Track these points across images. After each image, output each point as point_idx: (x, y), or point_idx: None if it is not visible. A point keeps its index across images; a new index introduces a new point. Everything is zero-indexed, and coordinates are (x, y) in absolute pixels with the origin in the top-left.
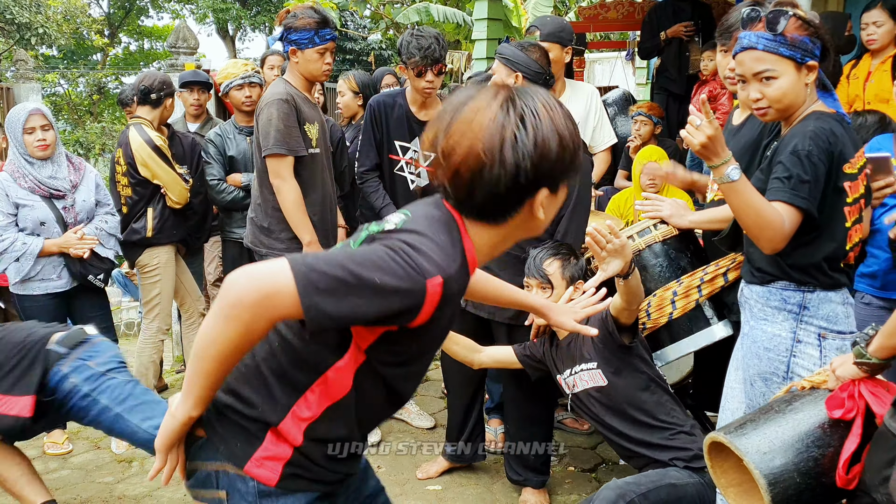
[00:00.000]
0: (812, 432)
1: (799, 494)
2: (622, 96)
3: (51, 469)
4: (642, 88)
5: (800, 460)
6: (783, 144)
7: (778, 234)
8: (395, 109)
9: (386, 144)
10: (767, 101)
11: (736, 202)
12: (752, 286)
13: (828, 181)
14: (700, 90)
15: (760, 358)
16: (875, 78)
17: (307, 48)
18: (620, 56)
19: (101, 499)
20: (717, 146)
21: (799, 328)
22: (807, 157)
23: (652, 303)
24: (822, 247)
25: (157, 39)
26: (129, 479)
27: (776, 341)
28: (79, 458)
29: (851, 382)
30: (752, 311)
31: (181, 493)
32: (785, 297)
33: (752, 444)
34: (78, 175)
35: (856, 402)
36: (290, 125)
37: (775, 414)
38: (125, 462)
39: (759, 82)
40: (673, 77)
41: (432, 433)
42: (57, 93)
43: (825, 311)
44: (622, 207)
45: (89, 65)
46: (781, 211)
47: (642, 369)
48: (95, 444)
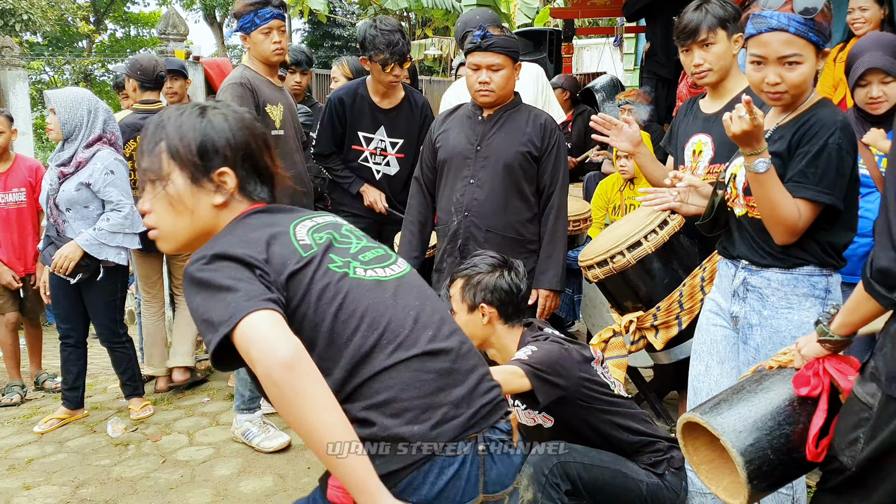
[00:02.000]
0: (783, 410)
1: (772, 470)
2: (610, 82)
3: (47, 453)
4: (630, 74)
5: (773, 437)
6: (810, 132)
7: (791, 229)
8: (357, 101)
9: (349, 136)
10: (786, 86)
11: (758, 192)
12: (770, 272)
13: (851, 172)
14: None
15: None
16: None
17: (252, 31)
18: (608, 42)
19: (99, 481)
20: (754, 140)
21: None
22: (837, 152)
23: (684, 292)
24: (843, 233)
25: (144, 26)
26: (125, 462)
27: (806, 328)
28: (75, 442)
29: (816, 360)
30: (769, 299)
31: (178, 475)
32: (813, 282)
33: (728, 424)
34: (74, 168)
35: (821, 379)
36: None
37: (747, 394)
38: (122, 445)
39: (781, 66)
40: (661, 61)
41: None
42: (42, 80)
43: (838, 293)
44: (609, 193)
45: (75, 52)
46: (801, 206)
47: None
48: (91, 427)
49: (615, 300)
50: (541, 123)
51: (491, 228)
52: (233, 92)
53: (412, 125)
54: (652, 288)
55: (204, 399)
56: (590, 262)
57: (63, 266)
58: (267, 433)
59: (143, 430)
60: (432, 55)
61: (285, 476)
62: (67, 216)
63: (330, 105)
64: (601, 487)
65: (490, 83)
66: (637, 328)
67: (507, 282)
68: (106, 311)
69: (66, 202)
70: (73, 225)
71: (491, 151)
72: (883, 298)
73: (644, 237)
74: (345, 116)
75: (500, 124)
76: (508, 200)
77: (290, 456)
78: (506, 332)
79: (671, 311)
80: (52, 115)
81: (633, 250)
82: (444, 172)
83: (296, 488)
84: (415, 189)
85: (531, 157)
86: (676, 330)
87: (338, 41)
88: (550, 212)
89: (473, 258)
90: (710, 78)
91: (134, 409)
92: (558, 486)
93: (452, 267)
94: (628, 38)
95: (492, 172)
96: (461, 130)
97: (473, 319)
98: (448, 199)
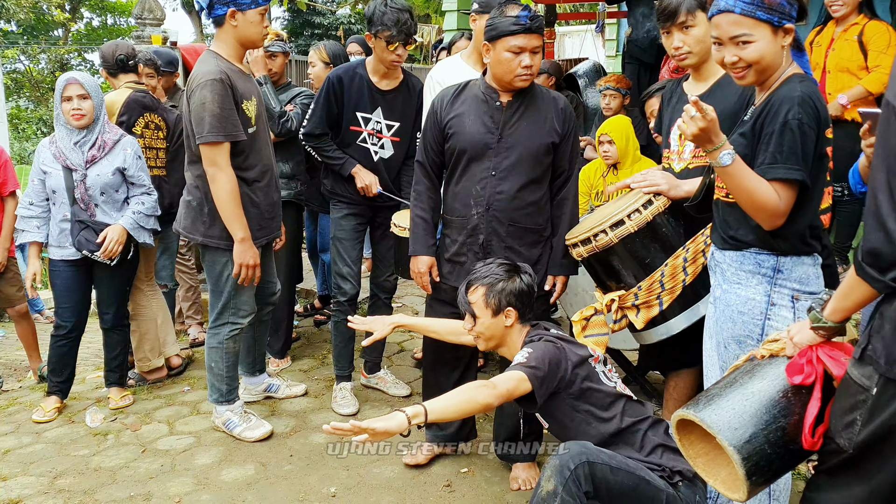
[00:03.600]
0: (777, 402)
1: (770, 464)
2: (592, 68)
3: (24, 444)
4: (612, 60)
5: (769, 432)
6: (771, 111)
7: (774, 213)
8: (356, 81)
9: (346, 117)
10: (744, 63)
11: (730, 185)
12: (725, 251)
13: (815, 148)
14: (669, 60)
15: (734, 321)
16: (837, 46)
17: (249, 9)
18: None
19: (77, 471)
20: (711, 134)
21: (773, 291)
22: (798, 127)
23: (665, 272)
24: (806, 215)
25: (121, 15)
26: (104, 452)
27: (750, 304)
28: (53, 433)
29: (809, 348)
30: (725, 275)
31: (158, 464)
32: (759, 261)
33: (723, 420)
34: (100, 151)
35: (814, 366)
36: (226, 107)
37: (740, 387)
38: (100, 435)
39: (735, 46)
40: (643, 46)
41: (408, 401)
42: (17, 69)
43: (798, 274)
44: (591, 178)
45: (50, 41)
46: (778, 189)
47: (580, 408)
48: (69, 417)
49: (599, 279)
50: (561, 108)
51: (514, 222)
52: (213, 90)
53: (409, 109)
54: (634, 267)
55: (184, 388)
56: (574, 241)
57: (113, 249)
58: (248, 422)
59: (122, 420)
60: None
61: (267, 464)
62: (100, 200)
63: (328, 83)
64: (624, 494)
65: (533, 66)
66: (619, 307)
67: (525, 285)
68: (122, 293)
69: (102, 186)
70: (105, 209)
71: (515, 142)
72: (875, 281)
73: (627, 216)
74: (342, 96)
75: (521, 112)
76: (531, 192)
77: (273, 444)
78: (519, 331)
79: (652, 291)
80: (84, 100)
81: (615, 229)
82: (459, 161)
83: (278, 476)
84: (420, 174)
85: (553, 146)
86: (658, 310)
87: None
88: (567, 197)
89: (487, 265)
90: (690, 60)
91: (113, 399)
92: (580, 483)
93: (473, 262)
94: (610, 24)
95: (515, 164)
96: (477, 117)
97: (497, 323)
98: (465, 191)
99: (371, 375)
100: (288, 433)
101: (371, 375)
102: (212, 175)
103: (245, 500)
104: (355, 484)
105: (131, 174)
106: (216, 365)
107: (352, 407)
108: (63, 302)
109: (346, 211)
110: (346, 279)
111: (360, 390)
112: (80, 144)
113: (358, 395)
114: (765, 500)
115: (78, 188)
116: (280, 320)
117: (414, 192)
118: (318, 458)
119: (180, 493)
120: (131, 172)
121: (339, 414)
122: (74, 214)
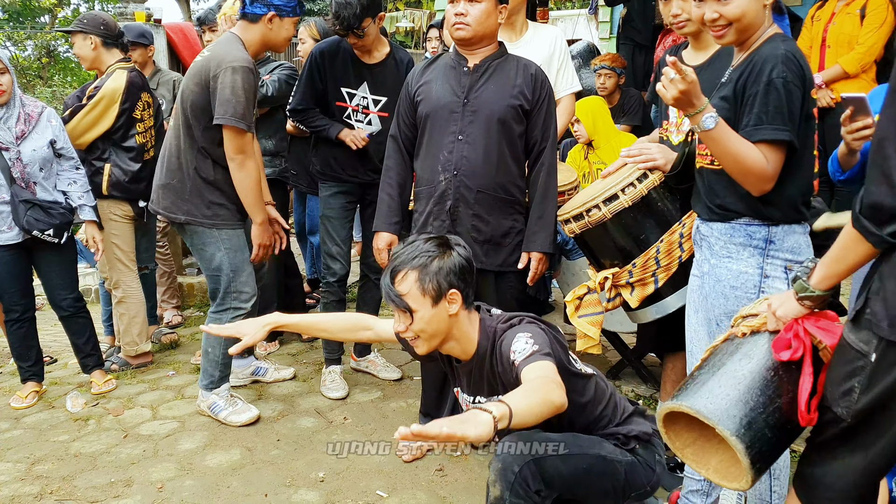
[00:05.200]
0: (770, 381)
1: (771, 448)
2: (586, 48)
3: (2, 429)
4: (606, 43)
5: (767, 414)
6: (754, 71)
7: (763, 177)
8: (340, 55)
9: (332, 93)
10: (725, 20)
11: (715, 150)
12: (712, 223)
13: (801, 107)
14: (665, 39)
15: (727, 297)
16: (838, 20)
17: (288, 16)
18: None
19: (57, 457)
20: (692, 97)
21: (766, 263)
22: (783, 86)
23: (661, 249)
24: (796, 180)
25: (108, 1)
26: (85, 437)
27: (743, 279)
28: (32, 418)
29: (795, 321)
30: (713, 248)
31: (140, 450)
32: (750, 232)
33: (720, 409)
34: (27, 125)
35: (801, 340)
36: (250, 99)
37: (728, 369)
38: (81, 420)
39: (715, 1)
40: (638, 27)
41: (399, 385)
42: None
43: (790, 244)
44: (578, 161)
45: (37, 26)
46: (765, 151)
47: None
48: (50, 403)
49: (593, 256)
50: (531, 73)
51: (482, 189)
52: (247, 79)
53: (397, 83)
54: (628, 243)
55: (169, 372)
56: (566, 216)
57: (101, 248)
58: (234, 406)
59: (104, 405)
60: (404, 28)
61: (253, 449)
62: (40, 177)
63: (311, 58)
64: (579, 479)
65: (466, 15)
66: (612, 285)
67: (462, 257)
68: (74, 273)
69: (41, 161)
70: (45, 185)
71: (480, 105)
72: (871, 235)
73: (621, 190)
74: (325, 71)
75: (487, 75)
76: (500, 158)
77: (259, 428)
78: (467, 318)
79: (647, 269)
80: (3, 75)
81: (608, 203)
82: (426, 128)
83: (264, 461)
84: (392, 148)
85: (522, 111)
86: (652, 287)
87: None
88: (541, 169)
89: (411, 244)
90: (689, 28)
91: (96, 383)
92: (528, 484)
93: (441, 230)
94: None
95: (483, 128)
96: (444, 81)
97: (439, 313)
98: (433, 158)
99: (361, 358)
100: (275, 417)
101: (361, 358)
102: (240, 162)
103: (230, 486)
104: (344, 468)
105: (61, 146)
106: (213, 350)
107: (341, 391)
108: (9, 286)
109: (334, 189)
110: (335, 259)
111: (349, 374)
112: (3, 121)
113: (347, 378)
114: (765, 479)
115: (15, 167)
116: (269, 303)
117: (384, 168)
118: (305, 442)
119: (163, 479)
120: (60, 144)
121: (328, 398)
122: (16, 195)
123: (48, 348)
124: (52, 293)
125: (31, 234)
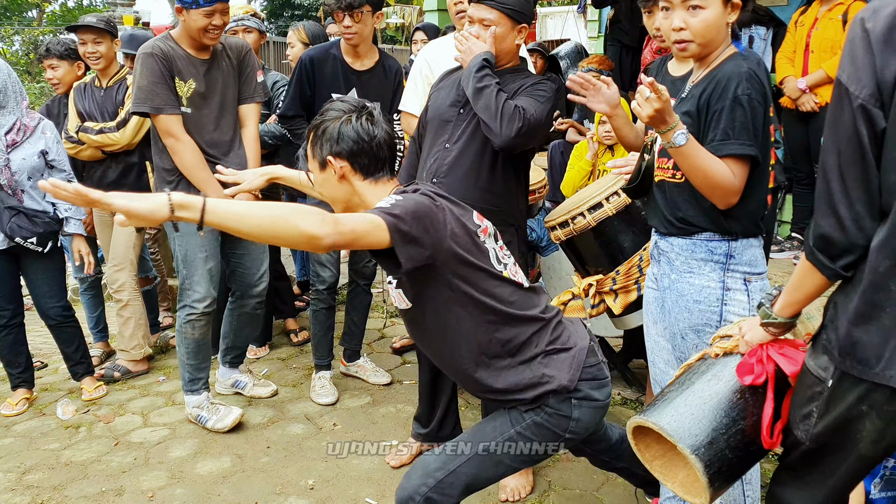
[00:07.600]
0: (735, 404)
1: (731, 468)
2: (574, 49)
3: None
4: (594, 42)
5: (729, 436)
6: (718, 87)
7: (729, 191)
8: (329, 62)
9: (320, 99)
10: (690, 34)
11: (684, 165)
12: (671, 238)
13: (763, 124)
14: (651, 41)
15: (690, 311)
16: (821, 25)
17: (191, 8)
18: (572, 10)
19: (47, 466)
20: (665, 115)
21: (727, 277)
22: (748, 103)
23: (644, 257)
24: (757, 193)
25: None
26: (76, 445)
27: (706, 293)
28: (22, 426)
29: (759, 346)
30: (673, 264)
31: (131, 458)
32: (711, 248)
33: (683, 427)
34: (22, 134)
35: (764, 366)
36: (155, 81)
37: (697, 389)
38: (72, 428)
39: (685, 10)
40: (626, 29)
41: (388, 389)
42: None
43: (748, 257)
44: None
45: (24, 22)
46: (731, 166)
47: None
48: (40, 410)
49: (578, 262)
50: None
51: (465, 199)
52: (142, 63)
53: (385, 90)
54: (612, 251)
55: (160, 378)
56: (553, 223)
57: (90, 262)
58: (217, 413)
59: (94, 412)
60: (394, 24)
61: (243, 456)
62: (28, 185)
63: (300, 65)
64: (487, 473)
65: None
66: (596, 292)
67: (353, 128)
68: (62, 281)
69: (29, 170)
70: (33, 194)
71: (473, 116)
72: (825, 268)
73: (605, 199)
74: (314, 77)
75: None
76: (482, 167)
77: (249, 435)
78: (369, 188)
79: (630, 276)
80: None
81: (593, 212)
82: (426, 133)
83: (255, 468)
84: (410, 148)
85: None
86: (636, 295)
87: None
88: None
89: (332, 103)
90: None
91: (87, 390)
92: None
93: None
94: None
95: (470, 137)
96: (452, 89)
97: (327, 177)
98: (423, 163)
99: (351, 364)
100: (265, 424)
101: (351, 364)
102: (171, 146)
103: (220, 494)
104: (334, 476)
105: (53, 157)
106: (178, 349)
107: (331, 396)
108: None
109: None
110: (324, 266)
111: (339, 379)
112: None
113: (337, 383)
114: (737, 485)
115: (3, 174)
116: None
117: (402, 166)
118: (295, 449)
119: (153, 488)
120: (53, 156)
121: (317, 403)
122: (2, 201)
123: (38, 351)
124: (39, 301)
125: (14, 241)
